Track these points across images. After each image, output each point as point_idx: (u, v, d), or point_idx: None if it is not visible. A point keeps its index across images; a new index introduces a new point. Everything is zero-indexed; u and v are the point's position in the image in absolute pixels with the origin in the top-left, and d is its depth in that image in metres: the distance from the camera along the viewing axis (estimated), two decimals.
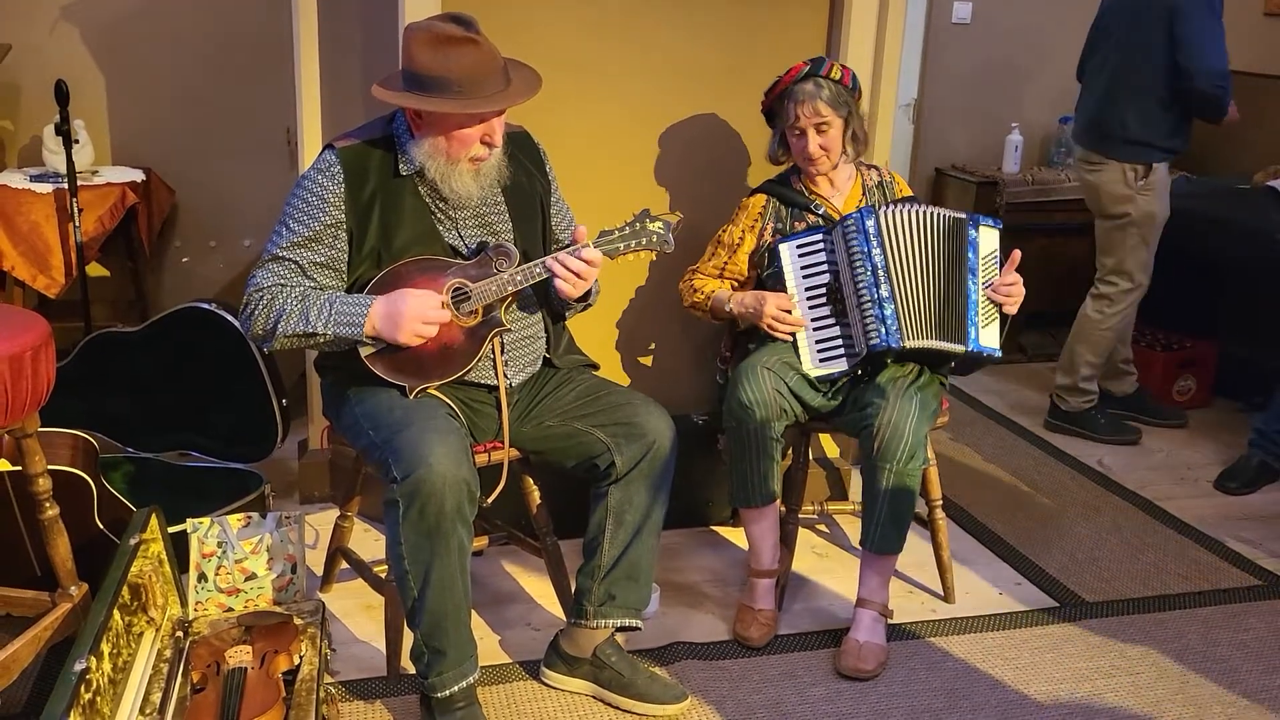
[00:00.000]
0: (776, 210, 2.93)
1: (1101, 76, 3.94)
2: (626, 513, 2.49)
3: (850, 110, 2.83)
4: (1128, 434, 4.15)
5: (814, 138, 2.82)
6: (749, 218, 2.95)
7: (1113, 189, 3.92)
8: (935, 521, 2.99)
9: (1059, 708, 2.59)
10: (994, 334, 2.80)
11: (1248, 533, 3.49)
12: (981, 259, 2.79)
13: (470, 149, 2.36)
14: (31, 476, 2.36)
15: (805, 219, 2.92)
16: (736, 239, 2.95)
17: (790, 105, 2.81)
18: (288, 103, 3.36)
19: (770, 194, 2.95)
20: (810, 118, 2.79)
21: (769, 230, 2.92)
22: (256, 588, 2.56)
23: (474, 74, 2.28)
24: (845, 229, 2.77)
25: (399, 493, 2.26)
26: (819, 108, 2.78)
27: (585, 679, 2.58)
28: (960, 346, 2.75)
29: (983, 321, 2.77)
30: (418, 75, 2.30)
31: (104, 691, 1.98)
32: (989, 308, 2.78)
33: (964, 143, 5.21)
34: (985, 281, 2.78)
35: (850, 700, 2.60)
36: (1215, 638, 2.90)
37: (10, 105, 4.07)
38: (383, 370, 2.40)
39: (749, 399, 2.72)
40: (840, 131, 2.83)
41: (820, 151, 2.83)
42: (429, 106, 2.30)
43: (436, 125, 2.35)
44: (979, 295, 2.77)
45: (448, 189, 2.40)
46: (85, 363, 3.41)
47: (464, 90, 2.28)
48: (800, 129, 2.82)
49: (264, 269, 2.38)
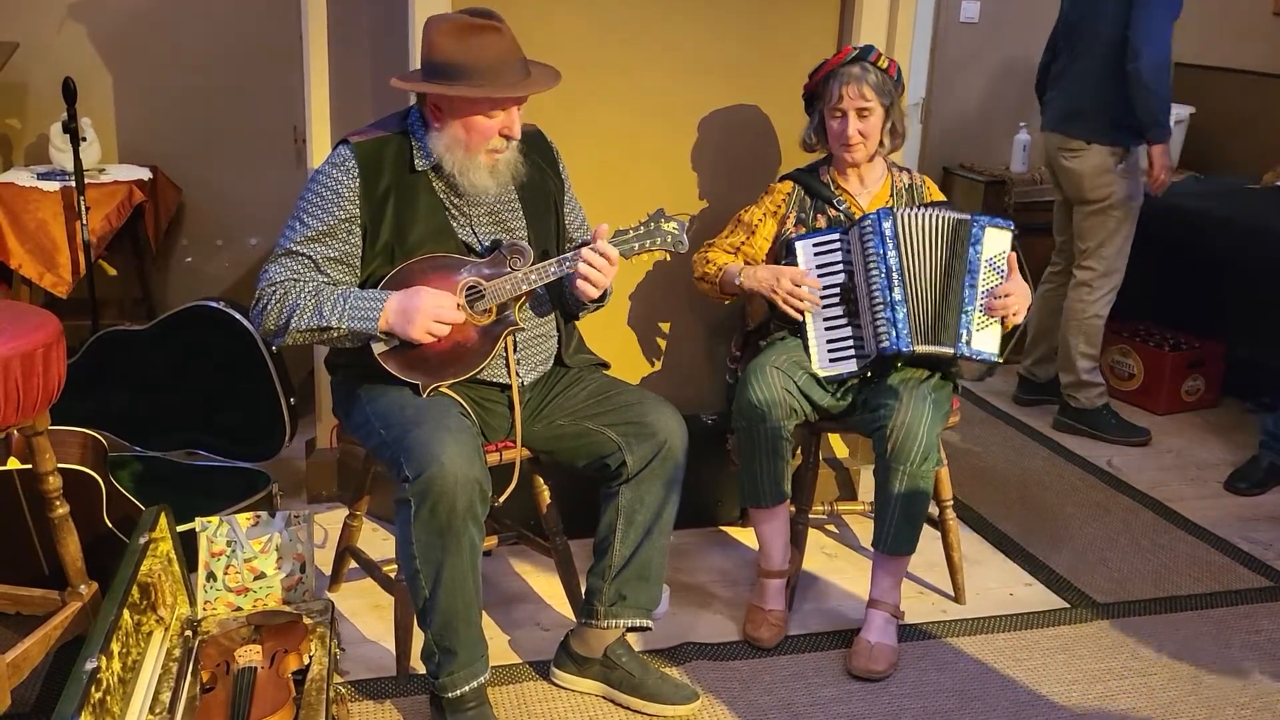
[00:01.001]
0: (800, 199, 2.93)
1: (1075, 69, 3.98)
2: (638, 512, 2.48)
3: (893, 101, 2.83)
4: (1136, 435, 4.14)
5: (854, 121, 2.80)
6: (773, 202, 2.95)
7: (1095, 173, 3.94)
8: (946, 522, 2.98)
9: (1071, 709, 2.58)
10: (991, 338, 2.77)
11: (1259, 534, 3.48)
12: (986, 261, 2.76)
13: (489, 141, 2.36)
14: (42, 474, 2.36)
15: (827, 213, 2.91)
16: (756, 220, 2.94)
17: (835, 85, 2.79)
18: (295, 101, 3.36)
19: (797, 182, 2.95)
20: (854, 100, 2.78)
21: (790, 218, 2.91)
22: (265, 587, 2.55)
23: (496, 62, 2.29)
24: (862, 229, 2.76)
25: (411, 491, 2.25)
26: (864, 90, 2.77)
27: (596, 679, 2.57)
28: (949, 349, 2.73)
29: (978, 325, 2.75)
30: (439, 64, 2.30)
31: (114, 691, 1.98)
32: (987, 312, 2.76)
33: (972, 142, 5.20)
34: (987, 284, 2.76)
35: (862, 701, 2.59)
36: (1227, 639, 2.89)
37: (18, 103, 4.07)
38: (395, 368, 2.39)
39: (759, 399, 2.71)
40: (881, 120, 2.82)
41: (859, 137, 2.81)
42: (452, 92, 2.30)
43: (457, 114, 2.35)
44: (975, 298, 2.74)
45: (465, 182, 2.40)
46: (93, 361, 3.41)
47: (485, 79, 2.29)
48: (842, 110, 2.80)
49: (277, 264, 2.37)
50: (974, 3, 5.09)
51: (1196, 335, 4.52)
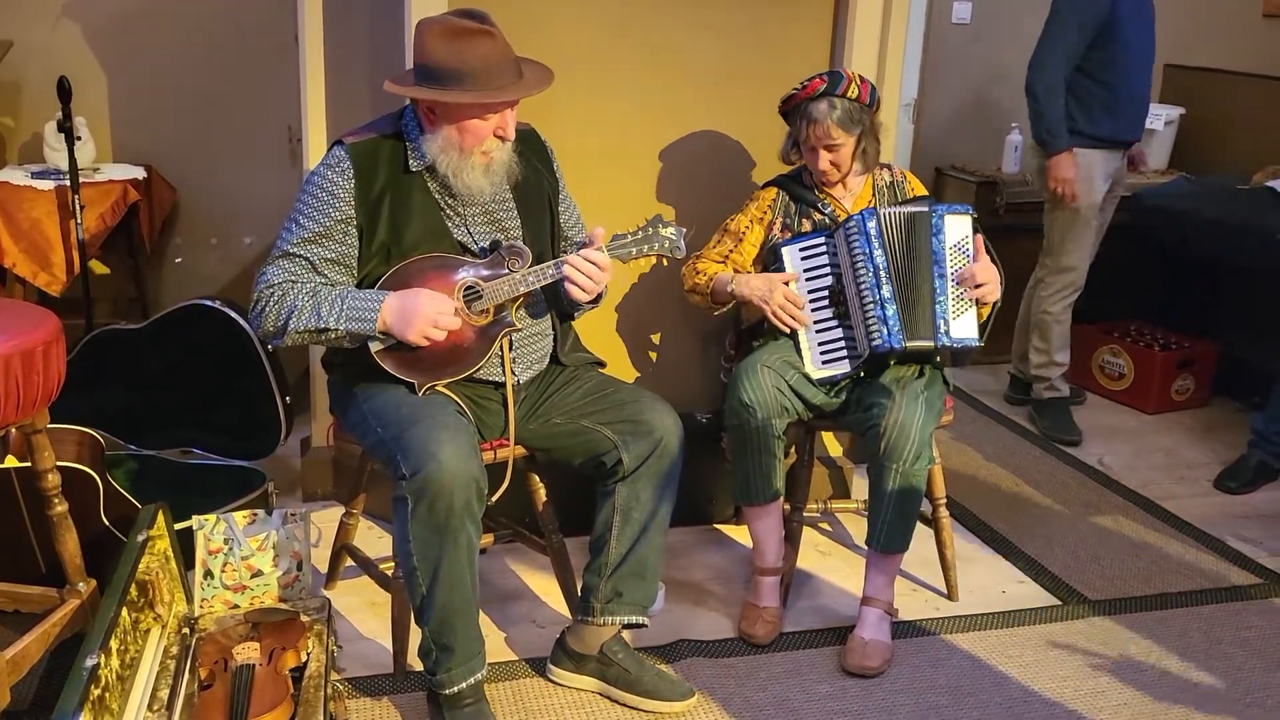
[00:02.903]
0: (785, 205, 2.94)
1: None
2: (634, 510, 2.50)
3: (864, 127, 2.82)
4: (1066, 433, 4.17)
5: (824, 155, 2.83)
6: (759, 209, 2.96)
7: (1041, 171, 4.03)
8: (939, 520, 3.00)
9: (1063, 704, 2.60)
10: (968, 324, 2.79)
11: (1248, 531, 3.50)
12: (949, 249, 2.78)
13: (483, 142, 2.37)
14: (41, 472, 2.36)
15: (812, 216, 2.92)
16: (743, 228, 2.95)
17: (803, 123, 2.80)
18: (290, 101, 3.36)
19: (782, 188, 2.96)
20: (821, 139, 2.79)
21: (777, 224, 2.93)
22: (262, 585, 2.55)
23: (488, 65, 2.30)
24: (847, 230, 2.78)
25: (408, 489, 2.26)
26: (830, 130, 2.77)
27: (592, 676, 2.58)
28: (929, 343, 2.75)
29: (953, 313, 2.77)
30: (432, 68, 2.31)
31: (113, 688, 1.98)
32: (960, 299, 2.78)
33: (964, 142, 5.21)
34: (955, 270, 2.78)
35: (856, 697, 2.61)
36: (1218, 635, 2.91)
37: (12, 102, 4.07)
38: (392, 367, 2.40)
39: (749, 398, 2.73)
40: (851, 149, 2.83)
41: (830, 167, 2.84)
42: (445, 98, 2.31)
43: (450, 117, 2.35)
44: (947, 287, 2.76)
45: (459, 184, 2.41)
46: (88, 360, 3.41)
47: (478, 82, 2.30)
48: (811, 146, 2.82)
49: (274, 265, 2.38)
50: (966, 4, 5.11)
51: (1187, 335, 4.55)
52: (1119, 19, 3.83)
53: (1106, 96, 3.91)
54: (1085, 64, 3.88)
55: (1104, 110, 3.93)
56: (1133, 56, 3.91)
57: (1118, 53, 3.87)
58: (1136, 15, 3.89)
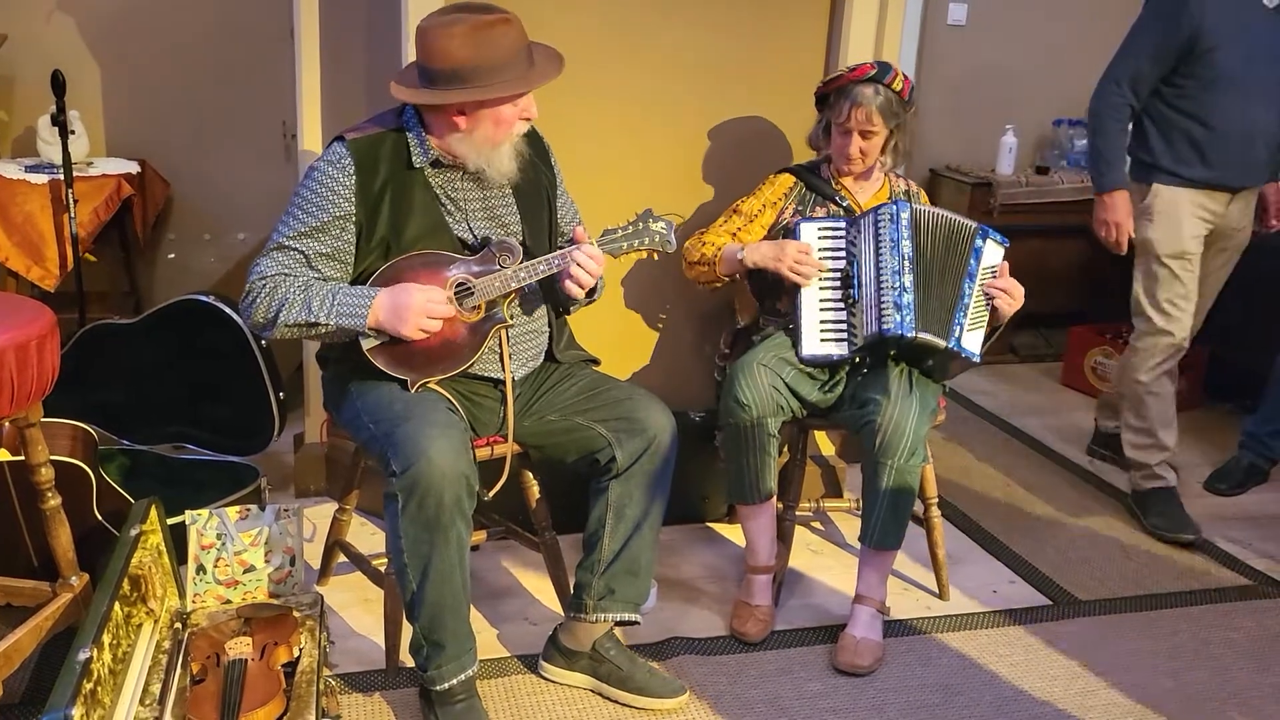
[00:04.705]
0: (801, 194, 2.96)
1: None
2: (627, 507, 2.50)
3: (900, 123, 2.84)
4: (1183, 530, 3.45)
5: (857, 140, 2.84)
6: (774, 194, 2.97)
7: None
8: (931, 519, 3.01)
9: (1053, 704, 2.61)
10: (977, 339, 2.81)
11: (1237, 533, 3.52)
12: (983, 269, 2.81)
13: (514, 128, 2.39)
14: (34, 466, 2.36)
15: (827, 207, 2.93)
16: (756, 210, 2.96)
17: (846, 104, 2.82)
18: (284, 96, 3.36)
19: (798, 176, 2.97)
20: (861, 123, 2.81)
21: (789, 211, 2.94)
22: (255, 580, 2.56)
23: (513, 52, 2.32)
24: (878, 216, 2.78)
25: (398, 486, 2.26)
26: (872, 114, 2.79)
27: (584, 672, 2.59)
28: (942, 341, 2.76)
29: (970, 325, 2.79)
30: (460, 70, 2.29)
31: (105, 682, 1.98)
32: (979, 314, 2.80)
33: (958, 144, 5.23)
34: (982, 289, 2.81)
35: (847, 695, 2.62)
36: (1207, 636, 2.93)
37: (5, 95, 4.06)
38: (384, 363, 2.40)
39: (745, 397, 2.73)
40: (883, 140, 2.85)
41: (859, 155, 2.86)
42: (491, 95, 2.30)
43: (488, 114, 2.35)
44: (973, 300, 2.78)
45: (494, 173, 2.41)
46: (81, 354, 3.41)
47: (510, 71, 2.31)
48: (847, 129, 2.83)
49: (268, 257, 2.37)
50: (961, 5, 5.13)
51: None
52: (1211, 48, 3.23)
53: (1199, 133, 3.33)
54: (1168, 93, 3.35)
55: (1191, 149, 3.35)
56: (1238, 91, 3.28)
57: (1210, 85, 3.28)
58: (1241, 44, 3.25)
